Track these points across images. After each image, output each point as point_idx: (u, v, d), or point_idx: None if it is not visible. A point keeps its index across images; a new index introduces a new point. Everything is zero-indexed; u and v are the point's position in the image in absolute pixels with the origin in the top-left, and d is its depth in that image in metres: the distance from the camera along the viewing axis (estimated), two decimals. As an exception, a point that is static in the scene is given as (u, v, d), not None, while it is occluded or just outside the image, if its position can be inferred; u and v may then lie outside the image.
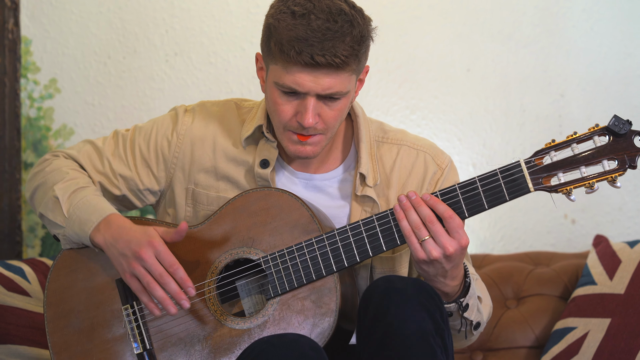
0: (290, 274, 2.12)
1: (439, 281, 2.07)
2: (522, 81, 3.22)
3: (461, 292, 2.11)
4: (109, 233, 2.17)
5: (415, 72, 3.23)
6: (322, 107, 2.10)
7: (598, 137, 1.99)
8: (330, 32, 2.02)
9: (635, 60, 3.21)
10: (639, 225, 3.23)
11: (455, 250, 2.02)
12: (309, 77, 2.05)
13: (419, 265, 2.06)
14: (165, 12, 3.24)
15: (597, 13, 3.21)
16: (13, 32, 3.21)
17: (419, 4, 3.21)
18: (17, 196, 3.22)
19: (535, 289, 2.91)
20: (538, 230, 3.24)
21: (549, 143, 2.02)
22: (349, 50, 2.04)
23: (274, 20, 2.07)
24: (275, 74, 2.09)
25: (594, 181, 1.99)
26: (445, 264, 2.03)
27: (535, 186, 2.01)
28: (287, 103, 2.10)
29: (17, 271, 2.76)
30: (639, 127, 3.12)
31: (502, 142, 3.21)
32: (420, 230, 2.03)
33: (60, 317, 2.26)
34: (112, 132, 2.37)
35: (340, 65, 2.04)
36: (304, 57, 2.01)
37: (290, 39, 2.02)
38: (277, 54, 2.05)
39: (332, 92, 2.07)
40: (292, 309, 2.12)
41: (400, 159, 2.26)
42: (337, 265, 2.09)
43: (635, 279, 2.72)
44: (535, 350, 2.83)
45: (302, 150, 2.15)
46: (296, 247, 2.12)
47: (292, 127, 2.12)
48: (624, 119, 1.98)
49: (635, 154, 1.98)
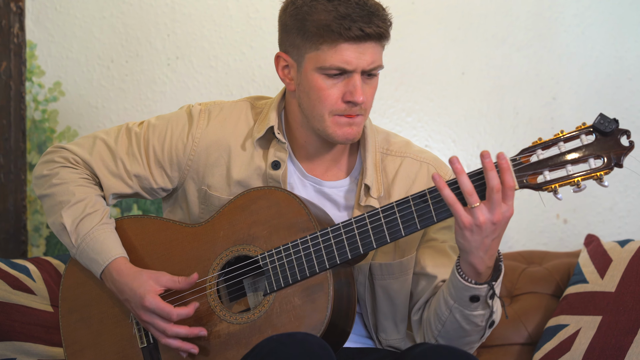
0: (286, 270, 2.12)
1: (478, 255, 2.02)
2: (515, 84, 3.22)
3: (492, 277, 2.09)
4: (112, 283, 2.22)
5: (411, 76, 3.23)
6: (364, 85, 2.14)
7: (585, 136, 1.97)
8: (367, 7, 2.09)
9: (625, 64, 3.21)
10: (629, 225, 3.22)
11: (502, 218, 1.98)
12: (355, 53, 2.10)
13: (462, 234, 2.01)
14: (167, 17, 3.23)
15: (588, 18, 3.20)
16: (18, 36, 3.20)
17: (414, 9, 3.21)
18: (22, 197, 3.22)
19: (528, 287, 2.91)
20: (531, 230, 3.22)
21: (536, 141, 2.00)
22: (385, 22, 2.12)
23: (308, 8, 2.11)
24: (317, 59, 2.12)
25: (580, 179, 1.96)
26: (491, 233, 1.99)
27: (520, 184, 1.99)
28: (332, 87, 2.13)
29: (22, 270, 2.77)
30: (630, 129, 3.16)
31: (496, 144, 3.21)
32: (472, 197, 1.99)
33: (72, 311, 2.30)
34: (124, 127, 2.34)
35: (384, 35, 2.11)
36: (354, 31, 2.07)
37: (335, 17, 2.08)
38: (323, 36, 2.09)
39: (374, 66, 2.13)
40: (287, 305, 2.11)
41: (403, 169, 2.26)
42: (330, 263, 2.09)
43: (626, 278, 2.72)
44: (528, 347, 2.82)
45: (350, 132, 2.16)
46: (292, 244, 2.12)
47: (339, 110, 2.14)
48: (610, 117, 1.95)
49: (621, 152, 1.94)
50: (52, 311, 2.72)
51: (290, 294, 2.11)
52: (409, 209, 2.07)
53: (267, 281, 2.13)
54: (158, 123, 2.31)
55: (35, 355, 2.64)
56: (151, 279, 2.17)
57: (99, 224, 2.23)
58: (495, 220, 1.97)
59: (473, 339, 2.16)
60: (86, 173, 2.30)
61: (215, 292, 2.18)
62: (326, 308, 2.07)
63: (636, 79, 3.21)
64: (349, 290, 2.15)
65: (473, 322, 2.11)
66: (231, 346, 2.14)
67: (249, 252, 2.16)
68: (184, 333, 2.13)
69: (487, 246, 2.01)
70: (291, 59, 2.16)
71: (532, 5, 3.21)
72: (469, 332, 2.13)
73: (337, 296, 2.09)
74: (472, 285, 2.06)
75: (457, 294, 2.09)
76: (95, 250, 2.21)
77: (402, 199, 2.08)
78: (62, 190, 2.26)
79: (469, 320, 2.11)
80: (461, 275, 2.07)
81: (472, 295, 2.07)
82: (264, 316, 2.12)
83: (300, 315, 2.09)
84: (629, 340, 2.60)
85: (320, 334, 2.06)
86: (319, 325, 2.06)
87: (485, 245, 2.01)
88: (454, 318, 2.12)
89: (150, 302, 2.13)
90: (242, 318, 2.14)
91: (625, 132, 1.94)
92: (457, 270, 2.07)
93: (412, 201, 2.08)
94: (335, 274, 2.11)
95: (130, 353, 2.24)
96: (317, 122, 2.17)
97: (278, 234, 2.15)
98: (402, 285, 2.24)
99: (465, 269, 2.06)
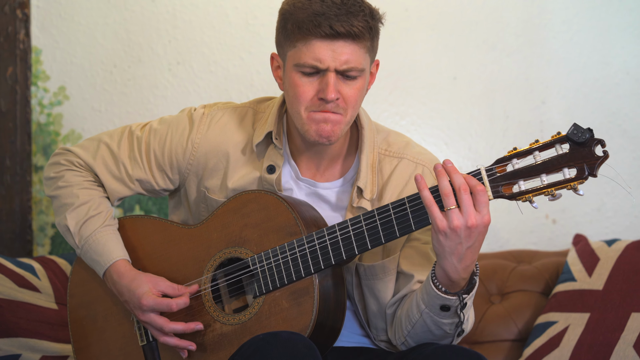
0: (274, 274, 2.11)
1: (451, 262, 1.98)
2: (506, 89, 3.21)
3: (465, 289, 2.05)
4: (112, 285, 2.23)
5: (405, 80, 3.22)
6: (341, 84, 2.09)
7: (559, 145, 1.91)
8: (344, 7, 2.04)
9: (612, 69, 3.21)
10: (616, 225, 3.22)
11: (477, 223, 1.93)
12: (327, 50, 2.05)
13: (437, 237, 1.97)
14: (168, 24, 3.24)
15: (576, 24, 3.21)
16: (24, 42, 3.21)
17: (408, 15, 3.21)
18: (28, 197, 3.22)
19: (518, 285, 2.92)
20: (521, 230, 3.22)
21: (511, 151, 1.95)
22: (363, 23, 2.05)
23: (289, 7, 2.08)
24: (294, 57, 2.09)
25: (554, 189, 1.91)
26: (465, 240, 1.95)
27: (495, 194, 1.94)
28: (307, 84, 2.09)
29: (28, 268, 2.79)
30: (617, 134, 3.17)
31: (487, 147, 3.21)
32: (449, 198, 1.94)
33: (79, 307, 2.33)
34: (127, 131, 2.33)
35: (358, 34, 2.04)
36: (323, 29, 2.03)
37: (308, 15, 2.04)
38: (296, 33, 2.06)
39: (349, 66, 2.06)
40: (275, 308, 2.11)
41: (398, 170, 2.23)
42: (315, 268, 2.08)
43: (613, 276, 2.74)
44: (518, 343, 2.83)
45: (324, 128, 2.10)
46: (279, 249, 2.11)
47: (314, 106, 2.10)
48: (584, 127, 1.89)
49: (594, 162, 1.88)
50: (57, 308, 2.74)
51: (278, 297, 2.11)
52: (380, 220, 2.05)
53: (257, 284, 2.13)
54: (159, 127, 2.30)
55: (40, 351, 2.65)
56: (150, 282, 2.18)
57: (101, 226, 2.25)
58: (469, 225, 1.93)
59: (441, 343, 2.13)
60: (90, 175, 2.31)
61: (209, 293, 2.18)
62: (312, 311, 2.06)
63: (623, 84, 3.21)
64: (337, 291, 2.13)
65: (442, 329, 2.09)
66: (224, 346, 2.14)
67: (241, 254, 2.17)
68: (181, 329, 2.14)
69: (460, 254, 1.96)
70: (280, 58, 2.15)
71: (522, 12, 3.21)
72: (438, 336, 2.12)
73: (323, 299, 2.08)
74: (443, 294, 2.03)
75: (429, 301, 2.07)
76: (97, 252, 2.23)
77: (382, 207, 2.05)
78: (67, 193, 2.28)
79: (437, 326, 2.09)
80: (434, 282, 2.04)
81: (443, 304, 2.04)
82: (254, 318, 2.12)
83: (288, 318, 2.09)
84: (616, 336, 2.61)
85: (308, 336, 2.06)
86: (305, 328, 2.06)
87: (459, 252, 1.96)
88: (424, 322, 2.10)
89: (147, 301, 2.15)
90: (233, 319, 2.14)
91: (599, 141, 1.88)
92: (431, 276, 2.05)
93: (378, 215, 2.05)
94: (322, 277, 2.10)
95: (132, 350, 2.25)
96: (297, 120, 2.14)
97: (268, 237, 2.14)
98: (387, 285, 2.22)
99: (439, 275, 2.03)
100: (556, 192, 1.90)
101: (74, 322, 2.33)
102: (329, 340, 2.14)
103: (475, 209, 1.92)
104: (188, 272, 2.20)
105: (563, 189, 1.90)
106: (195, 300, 2.19)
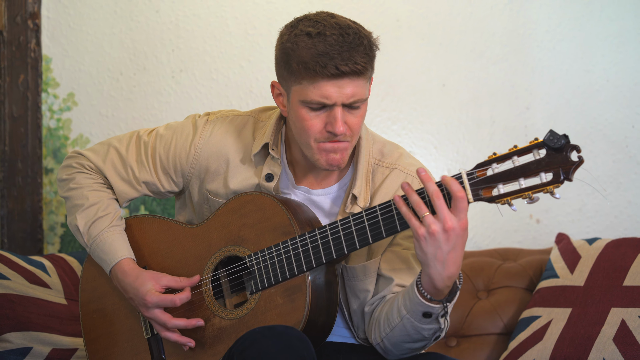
0: (269, 272, 2.12)
1: (435, 267, 1.96)
2: (492, 95, 3.23)
3: (448, 297, 2.04)
4: (118, 282, 2.25)
5: (396, 87, 3.24)
6: (347, 115, 2.08)
7: (537, 150, 1.90)
8: (346, 44, 2.02)
9: (593, 77, 3.22)
10: (597, 225, 3.23)
11: (453, 226, 1.93)
12: (334, 88, 2.03)
13: (419, 245, 1.96)
14: (172, 33, 3.26)
15: (559, 34, 3.22)
16: (35, 51, 3.23)
17: (399, 26, 3.23)
18: (38, 198, 3.24)
19: (503, 282, 2.94)
20: (506, 229, 3.24)
21: (491, 156, 1.95)
22: (365, 57, 2.04)
23: (291, 44, 2.05)
24: (300, 93, 2.07)
25: (531, 193, 1.90)
26: (444, 243, 1.94)
27: (475, 197, 1.94)
28: (315, 117, 2.08)
29: (39, 265, 2.81)
30: (598, 138, 3.19)
31: (474, 150, 3.23)
32: (420, 207, 1.94)
33: (90, 302, 2.35)
34: (135, 136, 2.33)
35: (362, 71, 2.04)
36: (329, 70, 2.01)
37: (313, 55, 2.02)
38: (302, 73, 2.04)
39: (355, 99, 2.06)
40: (270, 304, 2.12)
41: (388, 180, 2.22)
42: (307, 266, 2.10)
43: (594, 273, 2.76)
44: (503, 336, 2.86)
45: (333, 158, 2.11)
46: (274, 247, 2.12)
47: (322, 138, 2.09)
48: (560, 133, 1.88)
49: (569, 167, 1.87)
50: (66, 304, 2.76)
51: (273, 293, 2.12)
52: (368, 221, 2.05)
53: (253, 281, 2.14)
54: (165, 133, 2.31)
55: (50, 344, 2.67)
56: (153, 279, 2.19)
57: (108, 226, 2.26)
58: (446, 228, 1.92)
59: (416, 346, 2.12)
60: (100, 178, 2.32)
61: (210, 290, 2.19)
62: (304, 307, 2.07)
63: (603, 91, 3.21)
64: (329, 289, 2.14)
65: (420, 334, 2.08)
66: (222, 340, 2.15)
67: (239, 252, 2.17)
68: (183, 324, 2.15)
69: (443, 258, 1.95)
70: (282, 88, 2.13)
71: (507, 23, 3.23)
72: (415, 339, 2.11)
73: (315, 296, 2.09)
74: (427, 302, 2.02)
75: (412, 307, 2.05)
76: (104, 251, 2.24)
77: (369, 209, 2.06)
78: (78, 194, 2.29)
79: (416, 331, 2.08)
80: (420, 289, 2.03)
81: (426, 311, 2.03)
82: (250, 313, 2.13)
83: (282, 313, 2.09)
84: (596, 330, 2.63)
85: (301, 330, 2.06)
86: (298, 323, 2.07)
87: (441, 257, 1.95)
88: (404, 326, 2.09)
89: (151, 298, 2.16)
90: (232, 314, 2.15)
91: (574, 147, 1.88)
92: (417, 284, 2.03)
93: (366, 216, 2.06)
94: (315, 275, 2.11)
95: (138, 342, 2.27)
96: (305, 149, 2.14)
97: (264, 236, 2.14)
98: (367, 286, 2.21)
99: (424, 282, 2.01)
100: (534, 196, 1.89)
101: (85, 316, 2.35)
102: (321, 335, 2.15)
103: (454, 213, 1.92)
104: (190, 269, 2.22)
105: (540, 192, 1.90)
106: (197, 296, 2.20)
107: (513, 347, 2.76)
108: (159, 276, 2.21)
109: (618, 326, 2.61)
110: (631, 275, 2.70)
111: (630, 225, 3.23)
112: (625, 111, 3.24)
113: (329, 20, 2.06)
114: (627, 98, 3.24)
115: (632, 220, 3.24)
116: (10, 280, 2.70)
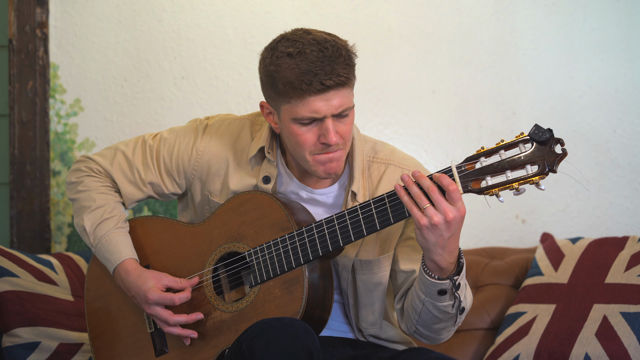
0: (268, 265, 2.14)
1: (437, 252, 2.01)
2: (480, 101, 3.26)
3: (455, 272, 2.08)
4: (121, 281, 2.27)
5: (388, 93, 3.26)
6: (338, 124, 2.11)
7: (523, 144, 1.95)
8: (326, 59, 2.04)
9: (577, 83, 3.25)
10: (580, 225, 3.26)
11: (454, 217, 1.97)
12: (321, 102, 2.06)
13: (421, 233, 2.00)
14: (174, 42, 3.27)
15: (543, 43, 3.25)
16: (43, 58, 3.24)
17: (390, 34, 3.25)
18: (46, 200, 3.24)
19: (490, 279, 2.98)
20: (493, 229, 3.27)
21: (479, 149, 1.99)
22: (346, 68, 2.06)
23: (275, 67, 2.07)
24: (290, 111, 2.10)
25: (518, 184, 1.95)
26: (445, 232, 1.98)
27: (465, 189, 1.99)
28: (307, 132, 2.11)
29: (46, 264, 2.83)
30: (581, 142, 3.20)
31: (463, 154, 3.23)
32: (421, 199, 1.98)
33: (95, 300, 2.37)
34: (140, 140, 2.35)
35: (345, 82, 2.06)
36: (315, 86, 2.04)
37: (297, 75, 2.04)
38: (290, 92, 2.07)
39: (343, 108, 2.09)
40: (269, 296, 2.14)
41: (386, 176, 2.24)
42: (304, 259, 2.12)
43: (577, 271, 2.79)
44: (491, 331, 2.90)
45: (330, 167, 2.14)
46: (273, 242, 2.14)
47: (317, 150, 2.12)
48: (545, 127, 1.93)
49: (554, 159, 1.92)
50: (73, 300, 2.77)
51: (272, 286, 2.14)
52: (370, 211, 2.09)
53: (253, 275, 2.16)
54: (169, 136, 2.33)
55: (57, 338, 2.69)
56: (154, 277, 2.21)
57: (113, 228, 2.29)
58: (448, 219, 1.98)
59: (447, 324, 2.17)
60: (108, 181, 2.35)
61: (211, 284, 2.21)
62: (302, 298, 2.09)
63: (585, 96, 3.24)
64: (325, 282, 2.16)
65: (444, 311, 2.13)
66: (223, 332, 2.17)
67: (239, 248, 2.20)
68: (184, 320, 2.18)
69: (444, 244, 2.01)
70: (271, 107, 2.16)
71: (494, 32, 3.25)
72: (442, 319, 2.15)
73: (311, 288, 2.11)
74: (436, 281, 2.08)
75: (426, 289, 2.11)
76: (108, 251, 2.27)
77: (362, 203, 2.10)
78: (85, 196, 2.32)
79: (440, 310, 2.13)
80: (427, 272, 2.08)
81: (439, 289, 2.09)
82: (250, 305, 2.15)
83: (280, 305, 2.12)
84: (579, 325, 2.66)
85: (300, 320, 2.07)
86: (295, 314, 2.09)
87: (442, 243, 2.00)
88: (427, 309, 2.14)
89: (153, 295, 2.19)
90: (232, 307, 2.17)
91: (558, 140, 1.93)
92: (423, 268, 2.09)
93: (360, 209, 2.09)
94: (311, 268, 2.13)
95: (142, 337, 2.30)
96: (302, 162, 2.16)
97: (263, 232, 2.16)
98: (380, 280, 2.25)
99: (429, 266, 2.07)
100: (520, 187, 1.94)
101: (90, 313, 2.37)
102: (317, 327, 2.17)
103: (451, 203, 1.98)
104: (192, 265, 2.24)
105: (526, 183, 1.94)
106: (198, 291, 2.22)
107: (500, 342, 2.79)
108: (160, 275, 2.23)
109: (600, 322, 2.64)
110: (612, 273, 2.72)
111: (611, 225, 3.25)
112: (607, 116, 3.26)
113: (305, 37, 2.08)
114: (608, 103, 3.26)
115: (613, 220, 3.26)
116: (19, 278, 2.71)
